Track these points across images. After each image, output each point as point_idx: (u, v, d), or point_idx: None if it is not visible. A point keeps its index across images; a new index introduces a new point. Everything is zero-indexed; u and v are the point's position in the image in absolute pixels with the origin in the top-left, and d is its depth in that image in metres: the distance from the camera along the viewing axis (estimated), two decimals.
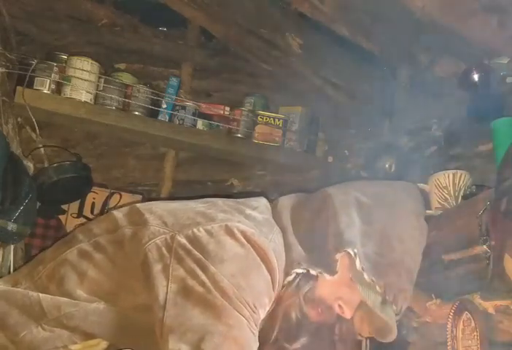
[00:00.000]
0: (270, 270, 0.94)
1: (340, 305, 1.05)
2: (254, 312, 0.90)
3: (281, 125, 2.14)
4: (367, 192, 1.11)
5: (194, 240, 0.91)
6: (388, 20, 1.62)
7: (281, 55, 1.97)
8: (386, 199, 1.12)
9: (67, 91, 1.89)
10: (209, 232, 0.92)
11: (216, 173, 2.29)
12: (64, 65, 1.92)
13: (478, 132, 1.53)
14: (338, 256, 1.01)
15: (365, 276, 1.02)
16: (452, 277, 1.44)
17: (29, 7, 2.00)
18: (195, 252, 0.89)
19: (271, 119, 2.13)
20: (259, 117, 2.11)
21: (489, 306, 1.25)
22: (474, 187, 1.44)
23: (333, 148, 2.24)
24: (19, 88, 1.84)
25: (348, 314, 1.06)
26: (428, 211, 1.54)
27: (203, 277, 0.88)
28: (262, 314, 0.93)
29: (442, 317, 1.39)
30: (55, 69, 1.89)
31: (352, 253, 1.01)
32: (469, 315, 1.28)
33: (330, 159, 2.22)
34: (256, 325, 0.91)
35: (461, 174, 1.49)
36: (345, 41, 1.77)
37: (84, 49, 2.04)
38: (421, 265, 1.61)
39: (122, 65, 2.15)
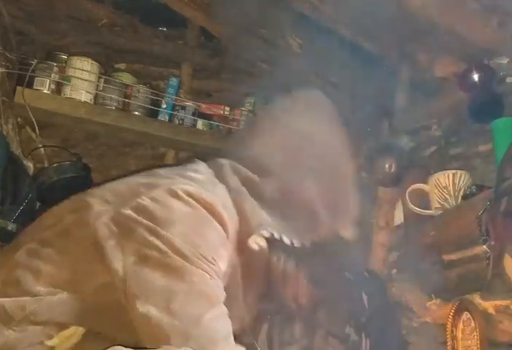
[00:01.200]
0: (222, 223, 0.95)
1: None
2: (213, 264, 0.91)
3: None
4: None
5: (140, 210, 0.91)
6: (388, 20, 1.62)
7: (281, 55, 1.97)
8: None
9: (67, 91, 1.89)
10: (154, 199, 0.92)
11: None
12: (64, 65, 1.91)
13: (478, 132, 1.54)
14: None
15: None
16: (452, 277, 1.44)
17: (29, 7, 1.99)
18: (144, 221, 0.89)
19: None
20: None
21: (489, 306, 1.25)
22: (474, 187, 1.44)
23: None
24: (19, 88, 1.83)
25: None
26: (428, 211, 1.54)
27: (157, 242, 0.88)
28: (223, 266, 0.94)
29: (442, 317, 1.39)
30: (55, 69, 1.89)
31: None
32: (469, 315, 1.28)
33: None
34: (218, 277, 0.92)
35: (461, 174, 1.49)
36: (345, 41, 1.77)
37: (84, 49, 2.04)
38: (421, 265, 1.62)
39: (122, 65, 2.15)
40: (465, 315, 1.29)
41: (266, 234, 1.02)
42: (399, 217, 1.77)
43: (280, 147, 1.08)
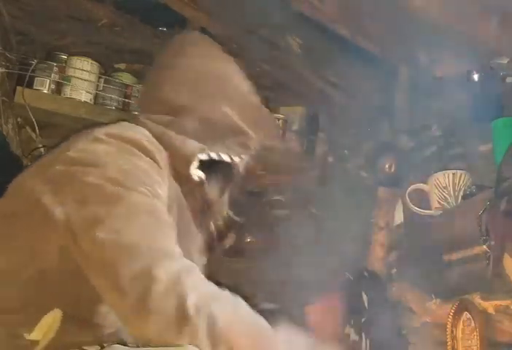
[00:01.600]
0: (150, 155, 0.97)
1: None
2: (149, 189, 0.92)
3: (281, 125, 2.14)
4: None
5: (69, 162, 0.93)
6: (388, 20, 1.62)
7: (281, 55, 1.97)
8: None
9: (67, 91, 1.89)
10: (80, 149, 0.94)
11: None
12: (64, 65, 1.92)
13: (478, 132, 1.53)
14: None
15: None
16: (452, 277, 1.44)
17: (29, 7, 1.99)
18: (74, 168, 0.91)
19: None
20: None
21: (489, 306, 1.25)
22: (474, 187, 1.44)
23: (333, 148, 2.24)
24: (19, 88, 1.84)
25: None
26: (428, 211, 1.54)
27: (90, 180, 0.89)
28: (161, 190, 0.95)
29: (442, 317, 1.39)
30: (55, 69, 1.89)
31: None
32: (469, 315, 1.28)
33: (330, 159, 2.22)
34: (159, 199, 0.93)
35: (461, 174, 1.49)
36: (345, 41, 1.77)
37: (84, 49, 2.04)
38: (421, 265, 1.62)
39: (122, 66, 2.15)
40: (465, 315, 1.29)
41: (204, 157, 1.06)
42: (399, 217, 1.77)
43: (183, 84, 1.12)
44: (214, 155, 1.09)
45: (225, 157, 1.11)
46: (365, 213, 1.97)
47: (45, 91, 1.87)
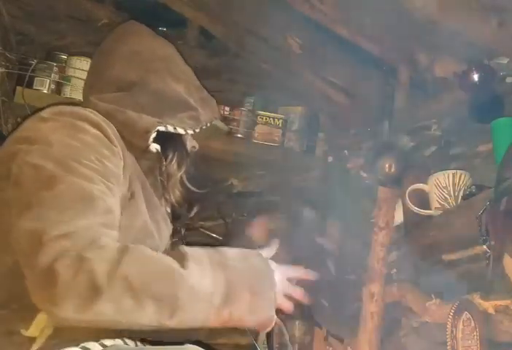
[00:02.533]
0: (98, 127, 0.99)
1: (193, 146, 1.27)
2: (97, 164, 0.94)
3: (280, 125, 2.14)
4: None
5: (16, 141, 0.96)
6: (388, 20, 1.62)
7: (281, 55, 1.97)
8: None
9: (67, 91, 1.90)
10: (26, 129, 0.98)
11: (216, 173, 2.29)
12: (64, 65, 1.92)
13: (478, 132, 1.53)
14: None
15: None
16: (452, 277, 1.44)
17: (29, 7, 1.99)
18: (18, 148, 0.94)
19: (271, 119, 2.13)
20: (259, 117, 2.11)
21: (489, 306, 1.25)
22: (474, 187, 1.43)
23: (333, 148, 2.24)
24: (18, 88, 1.84)
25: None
26: (428, 211, 1.54)
27: (31, 162, 0.90)
28: (111, 163, 0.97)
29: (442, 317, 1.39)
30: (55, 69, 1.90)
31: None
32: (469, 315, 1.28)
33: (330, 159, 2.22)
34: (106, 175, 0.95)
35: (461, 174, 1.49)
36: (345, 41, 1.77)
37: (84, 49, 2.04)
38: (421, 265, 1.62)
39: None
40: (465, 315, 1.29)
41: (161, 128, 1.11)
42: (399, 217, 1.77)
43: (130, 63, 1.18)
44: (170, 128, 1.13)
45: (180, 130, 1.15)
46: (365, 213, 1.97)
47: (45, 91, 1.87)
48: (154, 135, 1.10)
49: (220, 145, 2.06)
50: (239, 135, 2.09)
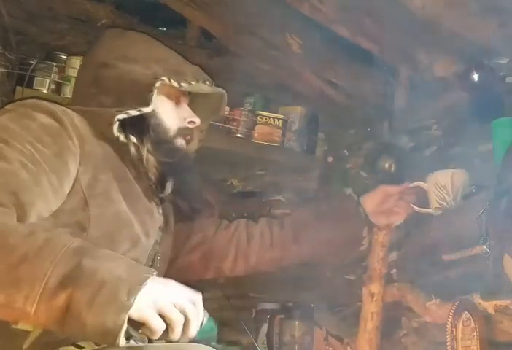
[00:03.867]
0: (50, 115, 1.03)
1: (191, 121, 1.27)
2: (28, 147, 0.96)
3: (280, 125, 2.14)
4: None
5: None
6: (388, 20, 1.62)
7: (281, 55, 1.97)
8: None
9: (67, 91, 1.89)
10: None
11: (216, 173, 2.29)
12: (64, 65, 1.91)
13: (478, 132, 1.53)
14: (156, 84, 1.17)
15: (185, 84, 1.22)
16: (452, 277, 1.44)
17: (29, 7, 1.99)
18: None
19: (271, 119, 2.13)
20: (258, 117, 2.11)
21: (489, 306, 1.25)
22: (474, 186, 1.43)
23: (333, 148, 2.24)
24: (18, 88, 1.83)
25: (199, 120, 1.28)
26: (427, 209, 1.54)
27: None
28: (50, 151, 0.99)
29: (442, 317, 1.39)
30: (55, 69, 1.89)
31: (166, 79, 1.20)
32: (469, 315, 1.28)
33: (330, 159, 2.22)
34: (34, 160, 0.96)
35: (460, 174, 1.49)
36: (345, 41, 1.77)
37: (84, 49, 2.03)
38: (421, 265, 1.62)
39: None
40: (465, 315, 1.29)
41: (122, 116, 1.12)
42: None
43: (84, 69, 1.31)
44: (134, 112, 1.15)
45: (146, 109, 1.17)
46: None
47: (45, 91, 1.87)
48: (116, 125, 1.11)
49: (220, 145, 2.06)
50: (239, 135, 2.09)
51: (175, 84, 1.21)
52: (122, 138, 1.14)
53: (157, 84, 1.17)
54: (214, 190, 1.39)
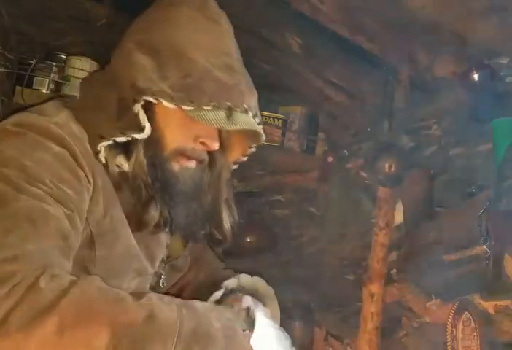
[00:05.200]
0: (60, 142, 0.89)
1: (202, 142, 1.00)
2: (53, 188, 0.85)
3: (280, 125, 2.14)
4: (141, 27, 1.05)
5: None
6: (388, 20, 1.62)
7: (281, 55, 1.97)
8: (162, 20, 1.02)
9: (66, 91, 1.89)
10: None
11: None
12: (63, 65, 1.91)
13: (478, 132, 1.53)
14: (137, 108, 0.93)
15: (187, 107, 0.93)
16: (452, 277, 1.44)
17: (29, 7, 1.99)
18: None
19: (271, 119, 2.13)
20: None
21: (489, 306, 1.25)
22: (474, 186, 1.44)
23: (333, 148, 2.24)
24: (18, 88, 1.83)
25: (215, 145, 1.02)
26: None
27: None
28: (71, 189, 0.87)
29: (442, 317, 1.39)
30: (54, 69, 1.89)
31: (152, 99, 0.92)
32: (469, 315, 1.28)
33: (330, 159, 2.22)
34: (63, 200, 0.85)
35: None
36: (345, 41, 1.76)
37: (84, 48, 2.04)
38: (421, 265, 1.62)
39: None
40: (465, 315, 1.29)
41: (105, 143, 0.94)
42: (399, 217, 1.77)
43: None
44: (121, 138, 0.95)
45: (137, 135, 0.95)
46: (365, 213, 1.97)
47: (44, 91, 1.87)
48: (102, 152, 0.94)
49: None
50: None
51: (168, 105, 0.94)
52: (114, 167, 0.96)
53: (136, 107, 0.93)
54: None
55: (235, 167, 1.17)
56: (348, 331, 1.85)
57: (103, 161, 0.95)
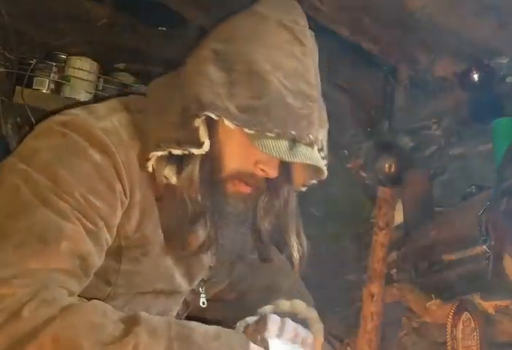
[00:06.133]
0: (103, 150, 0.84)
1: (262, 169, 0.93)
2: (81, 202, 0.81)
3: None
4: (223, 35, 0.95)
5: (14, 154, 0.87)
6: (388, 20, 1.62)
7: None
8: (245, 32, 0.93)
9: (66, 91, 1.89)
10: (26, 140, 0.88)
11: None
12: (63, 65, 1.91)
13: (478, 132, 1.53)
14: (198, 122, 0.87)
15: (249, 131, 0.86)
16: (452, 277, 1.44)
17: (28, 7, 1.99)
18: (8, 162, 0.85)
19: None
20: None
21: (489, 306, 1.25)
22: (474, 186, 1.43)
23: (333, 148, 2.24)
24: (18, 88, 1.83)
25: (274, 172, 0.94)
26: None
27: (11, 181, 0.81)
28: (103, 202, 0.83)
29: (442, 317, 1.39)
30: (54, 69, 1.89)
31: (214, 116, 0.86)
32: (469, 315, 1.28)
33: (330, 159, 2.21)
34: (89, 215, 0.81)
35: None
36: (345, 41, 1.76)
37: (84, 48, 2.04)
38: (421, 265, 1.62)
39: (121, 65, 2.15)
40: (465, 315, 1.29)
41: (160, 153, 0.88)
42: (399, 217, 1.77)
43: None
44: (176, 151, 0.89)
45: (195, 150, 0.89)
46: (365, 213, 1.97)
47: (44, 91, 1.87)
48: (152, 160, 0.88)
49: None
50: None
51: (230, 125, 0.87)
52: (163, 179, 0.90)
53: (197, 122, 0.87)
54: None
55: None
56: (348, 331, 1.85)
57: (150, 170, 0.89)
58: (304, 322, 1.03)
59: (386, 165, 1.70)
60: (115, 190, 0.85)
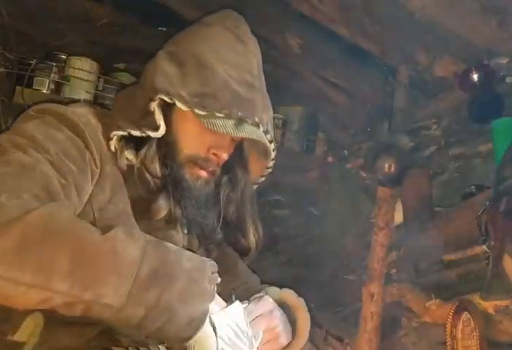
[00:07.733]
0: (74, 128, 0.95)
1: (214, 153, 1.02)
2: (55, 158, 0.88)
3: (280, 125, 2.14)
4: (175, 40, 1.09)
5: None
6: (388, 19, 1.62)
7: (281, 55, 1.97)
8: (194, 35, 1.09)
9: (66, 91, 1.89)
10: (13, 127, 0.97)
11: None
12: (63, 65, 1.92)
13: (478, 132, 1.54)
14: (153, 106, 0.98)
15: (200, 111, 0.97)
16: (452, 277, 1.44)
17: (28, 7, 1.99)
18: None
19: None
20: None
21: (489, 306, 1.25)
22: (474, 186, 1.44)
23: (333, 148, 2.24)
24: (18, 88, 1.84)
25: (225, 155, 1.04)
26: None
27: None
28: (74, 165, 0.90)
29: (442, 317, 1.39)
30: (54, 69, 1.90)
31: (167, 98, 0.97)
32: (468, 315, 1.28)
33: (330, 159, 2.22)
34: (62, 171, 0.88)
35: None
36: (345, 41, 1.77)
37: (84, 49, 2.04)
38: (421, 265, 1.62)
39: (121, 65, 2.15)
40: (465, 315, 1.29)
41: (120, 133, 0.97)
42: (399, 217, 1.77)
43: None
44: (135, 132, 0.98)
45: (136, 133, 0.98)
46: (365, 213, 1.97)
47: (44, 91, 1.87)
48: (114, 140, 0.97)
49: None
50: None
51: (182, 106, 0.97)
52: (124, 160, 0.99)
53: (152, 105, 0.98)
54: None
55: (255, 187, 1.18)
56: (348, 331, 1.85)
57: (113, 149, 0.98)
58: (292, 311, 1.08)
59: (386, 165, 1.70)
60: (85, 157, 0.94)
